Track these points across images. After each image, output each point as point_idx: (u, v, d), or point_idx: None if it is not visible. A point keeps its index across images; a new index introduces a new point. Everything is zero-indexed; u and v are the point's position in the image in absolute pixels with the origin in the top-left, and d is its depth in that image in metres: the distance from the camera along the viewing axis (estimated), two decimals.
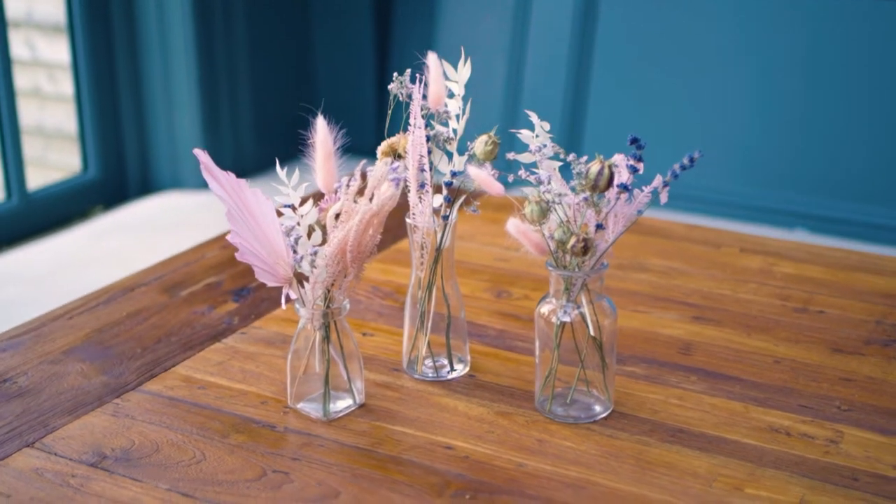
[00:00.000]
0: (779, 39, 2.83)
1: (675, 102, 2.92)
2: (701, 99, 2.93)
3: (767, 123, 2.90)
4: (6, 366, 1.44)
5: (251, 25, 3.07)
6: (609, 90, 2.91)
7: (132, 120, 2.97)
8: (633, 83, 2.91)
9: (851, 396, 1.33)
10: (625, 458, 1.22)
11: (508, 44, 2.99)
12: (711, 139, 2.96)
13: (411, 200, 1.35)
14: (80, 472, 1.21)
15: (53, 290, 2.12)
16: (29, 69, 3.74)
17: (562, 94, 2.94)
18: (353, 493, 1.17)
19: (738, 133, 2.93)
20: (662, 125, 2.89)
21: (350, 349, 1.31)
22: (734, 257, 1.73)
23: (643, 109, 2.90)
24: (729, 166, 2.96)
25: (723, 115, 2.93)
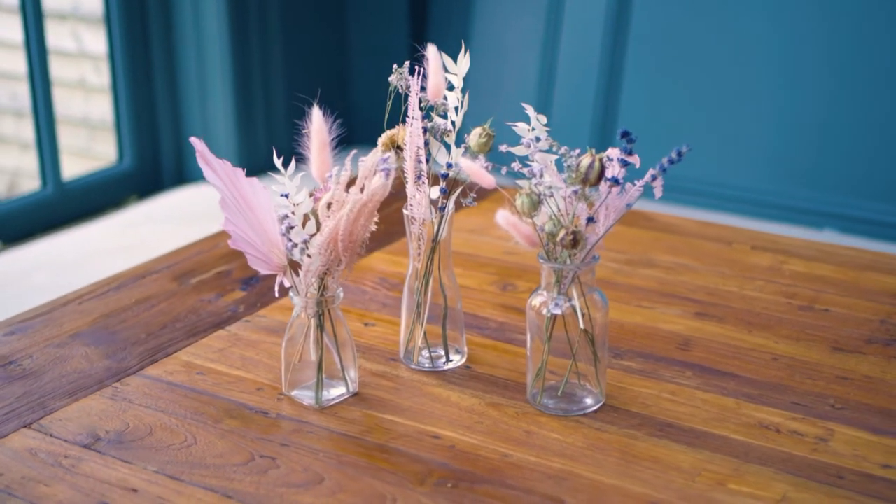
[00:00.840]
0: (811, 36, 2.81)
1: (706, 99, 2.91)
2: (732, 96, 2.91)
3: (798, 121, 2.88)
4: (13, 348, 1.47)
5: (286, 19, 3.09)
6: (641, 87, 2.91)
7: (167, 111, 3.00)
8: (664, 80, 2.90)
9: (846, 395, 1.32)
10: (610, 451, 1.22)
11: (541, 42, 3.00)
12: (742, 137, 2.94)
13: (409, 192, 1.36)
14: (73, 452, 1.23)
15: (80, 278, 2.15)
16: (75, 61, 3.79)
17: (594, 91, 2.93)
18: (337, 479, 1.18)
19: (768, 131, 2.91)
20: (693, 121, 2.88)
21: (343, 337, 1.32)
22: (745, 254, 1.72)
23: (674, 106, 2.89)
24: (758, 165, 2.94)
25: (754, 112, 2.92)
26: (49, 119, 2.90)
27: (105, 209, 2.98)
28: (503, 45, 3.07)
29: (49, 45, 3.83)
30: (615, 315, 1.53)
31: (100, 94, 3.65)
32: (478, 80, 3.12)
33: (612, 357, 1.42)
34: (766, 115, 2.90)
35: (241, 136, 3.00)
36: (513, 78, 3.05)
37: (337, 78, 3.28)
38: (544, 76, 2.99)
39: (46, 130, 2.91)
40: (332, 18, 3.24)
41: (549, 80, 2.99)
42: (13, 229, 2.74)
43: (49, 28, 3.89)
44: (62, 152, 3.94)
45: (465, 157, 1.27)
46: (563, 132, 3.01)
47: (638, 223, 1.85)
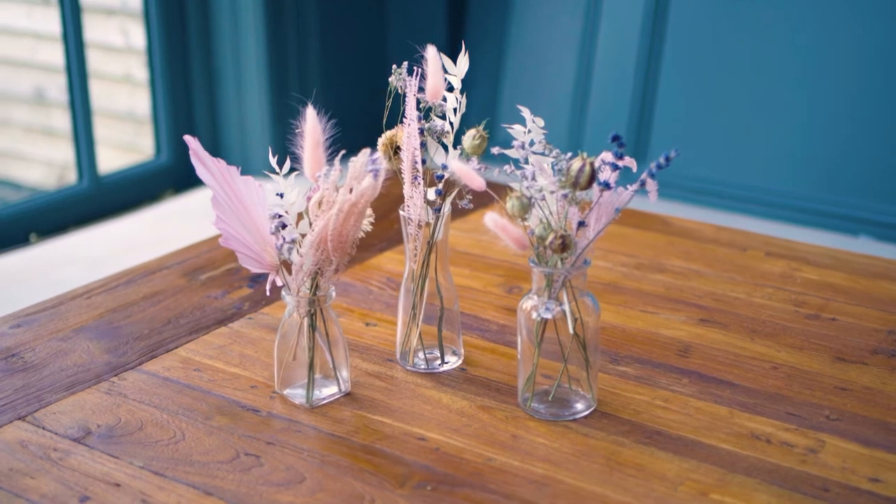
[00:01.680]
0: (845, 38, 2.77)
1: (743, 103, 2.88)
2: (769, 100, 2.87)
3: (835, 127, 2.84)
4: (18, 341, 1.49)
5: (323, 15, 3.10)
6: (677, 87, 2.88)
7: (204, 106, 3.02)
8: (701, 82, 2.87)
9: (843, 406, 1.30)
10: (595, 458, 1.21)
11: (579, 41, 2.98)
12: (778, 141, 2.91)
13: (405, 193, 1.36)
14: (62, 446, 1.25)
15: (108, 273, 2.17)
16: (122, 56, 3.84)
17: (630, 91, 2.91)
18: (318, 479, 1.18)
19: (805, 136, 2.87)
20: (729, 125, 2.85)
21: (335, 337, 1.32)
22: (758, 261, 1.70)
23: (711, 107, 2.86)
24: (793, 170, 2.90)
25: (790, 117, 2.88)
26: (86, 112, 2.93)
27: (141, 203, 3.01)
28: (541, 44, 3.05)
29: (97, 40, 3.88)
30: (617, 320, 1.51)
31: (145, 89, 3.69)
32: (515, 80, 3.11)
33: (608, 362, 1.41)
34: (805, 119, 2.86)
35: (276, 133, 3.02)
36: (550, 77, 3.04)
37: (374, 75, 3.28)
38: (581, 75, 2.98)
39: (83, 124, 2.94)
40: (371, 15, 3.25)
41: (586, 79, 2.97)
42: (48, 222, 2.77)
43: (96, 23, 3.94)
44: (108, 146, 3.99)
45: (455, 159, 1.26)
46: (599, 131, 2.99)
47: (653, 227, 1.83)
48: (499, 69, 3.10)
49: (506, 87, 3.11)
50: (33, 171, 4.29)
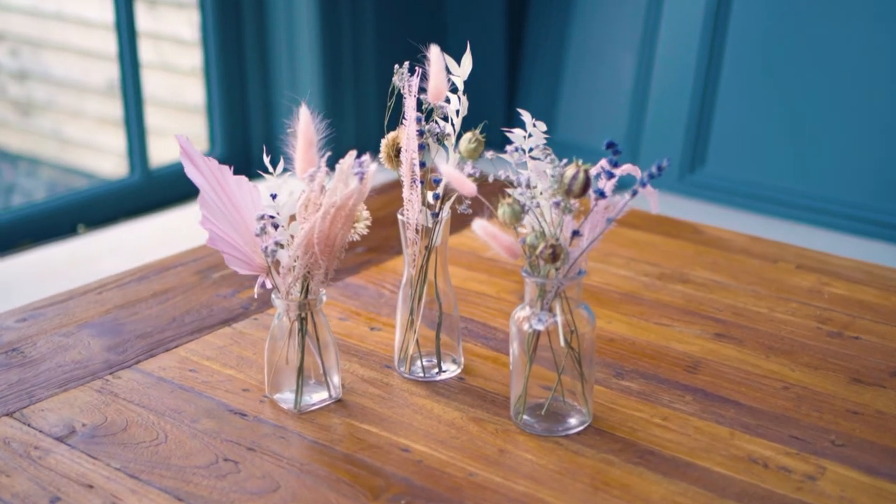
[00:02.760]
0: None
1: (804, 108, 2.79)
2: (830, 105, 2.78)
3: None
4: (21, 335, 1.48)
5: (380, 12, 3.08)
6: (737, 89, 2.81)
7: (258, 99, 3.01)
8: (761, 83, 2.79)
9: (852, 431, 1.24)
10: (581, 476, 1.16)
11: (639, 41, 2.92)
12: (837, 148, 2.82)
13: (405, 196, 1.32)
14: (44, 444, 1.23)
15: None
16: (190, 49, 3.85)
17: (689, 92, 2.84)
18: (292, 488, 1.15)
19: (867, 144, 2.77)
20: (790, 129, 2.76)
21: (326, 342, 1.30)
22: (787, 273, 1.63)
23: (771, 114, 2.78)
24: (853, 178, 2.81)
25: (853, 123, 2.79)
26: (138, 105, 2.94)
27: (191, 197, 3.00)
28: (601, 44, 3.00)
29: (167, 32, 3.91)
30: (629, 332, 1.46)
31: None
32: (575, 80, 3.06)
33: (612, 376, 1.36)
34: (867, 125, 2.77)
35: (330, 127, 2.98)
36: (609, 78, 2.98)
37: None
38: (641, 76, 2.91)
39: (135, 116, 2.96)
40: (429, 11, 3.21)
41: (645, 80, 2.91)
42: (97, 213, 2.79)
43: (166, 16, 3.97)
44: (163, 136, 4.01)
45: (446, 163, 1.22)
46: (658, 133, 2.93)
47: (683, 235, 1.78)
48: (558, 70, 3.05)
49: (565, 87, 3.06)
50: (106, 161, 4.33)
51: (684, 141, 2.87)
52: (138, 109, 2.94)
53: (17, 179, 4.98)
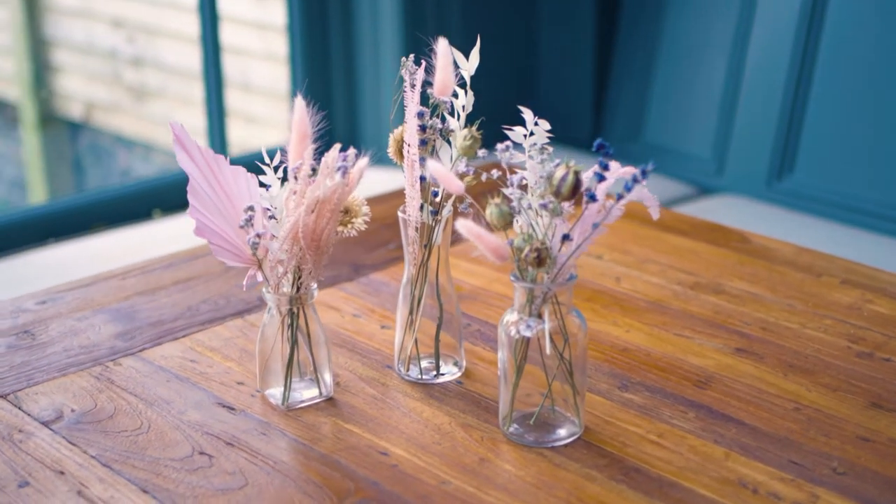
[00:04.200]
0: None
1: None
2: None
3: None
4: (36, 318, 1.49)
5: (467, 8, 3.03)
6: (830, 93, 2.69)
7: (341, 89, 2.99)
8: (855, 92, 2.68)
9: (857, 459, 1.16)
10: (557, 491, 1.11)
11: (730, 47, 2.83)
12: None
13: (406, 193, 1.29)
14: (29, 428, 1.23)
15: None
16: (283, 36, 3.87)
17: (780, 100, 2.74)
18: (259, 485, 1.13)
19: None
20: (884, 139, 2.64)
21: (317, 338, 1.27)
22: (830, 288, 1.55)
23: (864, 121, 2.66)
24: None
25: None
26: (218, 89, 2.95)
27: None
28: (692, 48, 2.91)
29: (262, 20, 3.93)
30: (645, 342, 1.40)
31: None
32: (665, 83, 2.98)
33: (616, 388, 1.30)
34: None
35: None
36: (699, 82, 2.89)
37: (520, 70, 3.20)
38: (731, 81, 2.82)
39: (216, 102, 2.97)
40: (518, 10, 3.16)
41: (735, 85, 2.82)
42: (174, 200, 2.80)
43: (261, 2, 3.99)
44: (268, 126, 4.03)
45: (434, 160, 1.18)
46: (746, 139, 2.83)
47: (729, 244, 1.70)
48: (648, 73, 2.98)
49: (654, 91, 2.98)
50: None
51: (773, 148, 2.76)
52: (219, 95, 2.95)
53: (133, 164, 5.07)
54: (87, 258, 2.19)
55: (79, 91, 4.93)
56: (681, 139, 2.98)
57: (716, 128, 2.90)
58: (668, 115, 2.99)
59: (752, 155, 2.83)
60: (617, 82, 3.09)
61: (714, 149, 2.90)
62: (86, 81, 4.92)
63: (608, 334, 1.43)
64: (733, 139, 2.86)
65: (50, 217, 2.60)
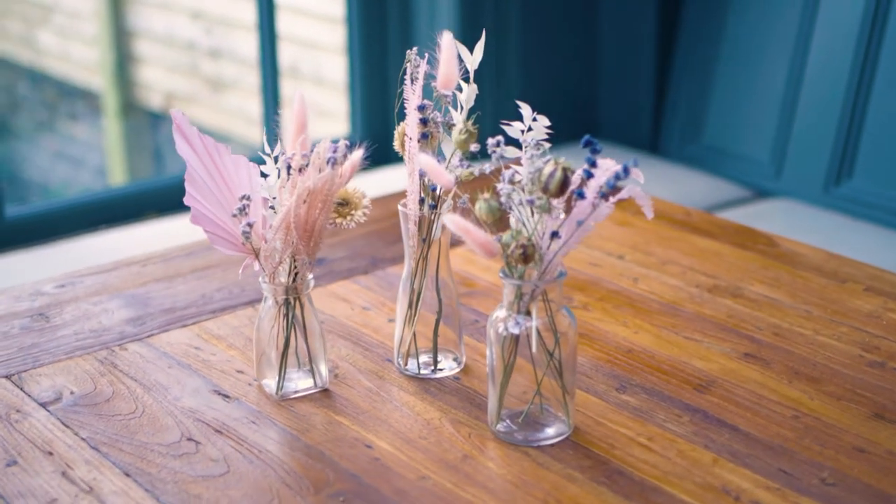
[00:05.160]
0: None
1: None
2: None
3: None
4: (53, 301, 1.51)
5: (526, 3, 3.01)
6: (890, 102, 2.63)
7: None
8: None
9: (850, 470, 1.13)
10: (535, 491, 1.10)
11: (791, 51, 2.77)
12: None
13: (408, 187, 1.29)
14: (27, 409, 1.25)
15: None
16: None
17: (840, 105, 2.68)
18: (240, 474, 1.13)
19: None
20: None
21: (312, 329, 1.27)
22: (852, 295, 1.51)
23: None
24: None
25: None
26: (273, 78, 2.97)
27: None
28: (753, 49, 2.86)
29: (325, 13, 3.94)
30: (652, 344, 1.38)
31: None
32: (725, 86, 2.94)
33: (614, 389, 1.29)
34: None
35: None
36: (760, 82, 2.84)
37: (581, 67, 3.17)
38: (791, 84, 2.77)
39: (271, 86, 2.99)
40: (578, 10, 3.13)
41: (795, 89, 2.76)
42: None
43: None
44: (333, 119, 4.04)
45: (425, 155, 1.18)
46: (805, 143, 2.78)
47: (756, 247, 1.67)
48: (709, 75, 2.94)
49: (714, 93, 2.94)
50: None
51: (832, 153, 2.71)
52: (274, 83, 2.97)
53: None
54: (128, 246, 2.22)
55: (159, 81, 5.00)
56: (739, 142, 2.93)
57: (775, 131, 2.85)
58: (727, 117, 2.95)
59: (810, 159, 2.78)
60: (677, 84, 3.05)
61: (772, 152, 2.85)
62: (165, 72, 4.99)
63: (615, 335, 1.41)
64: (792, 143, 2.81)
65: (104, 203, 2.65)
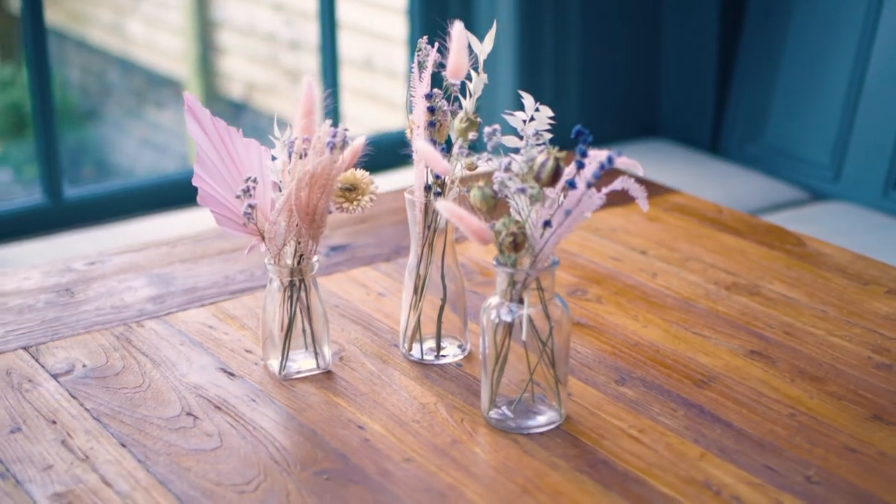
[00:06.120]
0: None
1: None
2: None
3: None
4: (80, 278, 1.55)
5: (587, 2, 3.00)
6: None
7: None
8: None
9: (837, 469, 1.12)
10: (516, 477, 1.11)
11: (854, 52, 2.74)
12: None
13: (414, 175, 1.30)
14: (39, 379, 1.29)
15: None
16: None
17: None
18: (231, 449, 1.16)
19: None
20: None
21: (316, 311, 1.29)
22: (872, 297, 1.49)
23: None
24: None
25: None
26: (333, 65, 3.00)
27: (384, 168, 3.02)
28: (816, 51, 2.83)
29: (384, 3, 3.97)
30: (659, 339, 1.38)
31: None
32: (788, 84, 2.91)
33: (613, 381, 1.29)
34: None
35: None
36: (822, 85, 2.81)
37: (641, 65, 3.15)
38: (853, 85, 2.73)
39: (331, 77, 3.02)
40: (641, 6, 3.11)
41: (857, 91, 2.73)
42: None
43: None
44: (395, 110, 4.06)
45: (423, 141, 1.19)
46: (865, 145, 2.74)
47: (783, 247, 1.66)
48: (772, 76, 2.91)
49: (777, 94, 2.91)
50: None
51: (891, 156, 2.66)
52: (333, 70, 3.00)
53: None
54: (182, 227, 2.27)
55: (239, 71, 5.08)
56: (799, 143, 2.90)
57: (835, 134, 2.81)
58: (788, 118, 2.92)
59: (869, 163, 2.74)
60: (739, 84, 3.02)
61: (832, 155, 2.81)
62: (246, 62, 5.07)
63: (624, 328, 1.41)
64: (851, 146, 2.77)
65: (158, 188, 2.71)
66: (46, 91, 2.52)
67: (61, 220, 2.55)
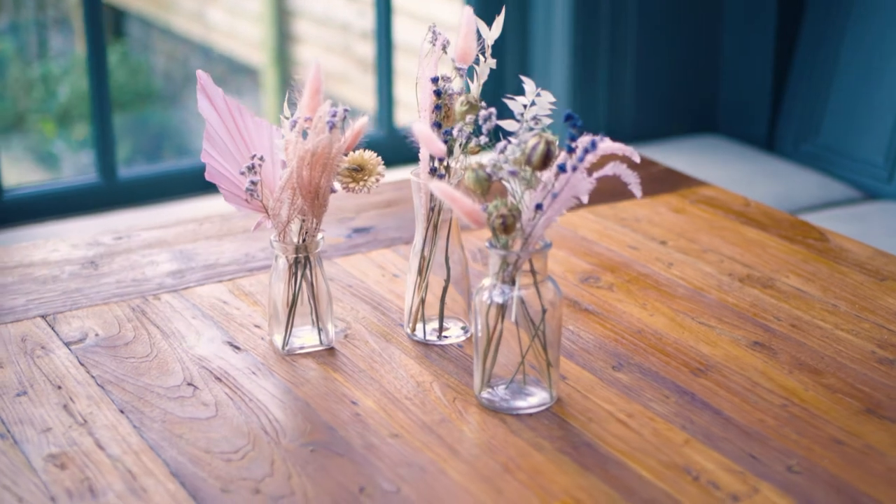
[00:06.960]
0: None
1: None
2: None
3: None
4: (106, 251, 1.60)
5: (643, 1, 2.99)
6: None
7: (513, 71, 3.02)
8: None
9: (820, 460, 1.12)
10: (499, 456, 1.13)
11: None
12: None
13: (421, 157, 1.32)
14: (51, 346, 1.34)
15: None
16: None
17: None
18: (227, 419, 1.19)
19: None
20: None
21: (320, 288, 1.32)
22: (886, 293, 1.48)
23: None
24: None
25: None
26: (388, 52, 3.03)
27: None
28: (874, 51, 2.79)
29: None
30: (663, 327, 1.38)
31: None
32: (845, 84, 2.88)
33: (610, 367, 1.30)
34: None
35: (578, 102, 2.95)
36: (879, 85, 2.77)
37: (698, 61, 3.13)
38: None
39: (385, 70, 3.05)
40: (699, 3, 3.09)
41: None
42: None
43: None
44: None
45: (420, 123, 1.21)
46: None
47: (805, 241, 1.65)
48: (829, 73, 2.88)
49: (833, 91, 2.88)
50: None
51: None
52: (388, 57, 3.03)
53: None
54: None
55: (314, 60, 5.13)
56: (854, 143, 2.86)
57: (890, 134, 2.77)
58: (844, 117, 2.88)
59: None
60: (796, 83, 3.00)
61: (886, 155, 2.78)
62: (321, 51, 5.12)
63: (630, 315, 1.42)
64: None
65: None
66: (103, 75, 2.59)
67: (115, 199, 2.61)
